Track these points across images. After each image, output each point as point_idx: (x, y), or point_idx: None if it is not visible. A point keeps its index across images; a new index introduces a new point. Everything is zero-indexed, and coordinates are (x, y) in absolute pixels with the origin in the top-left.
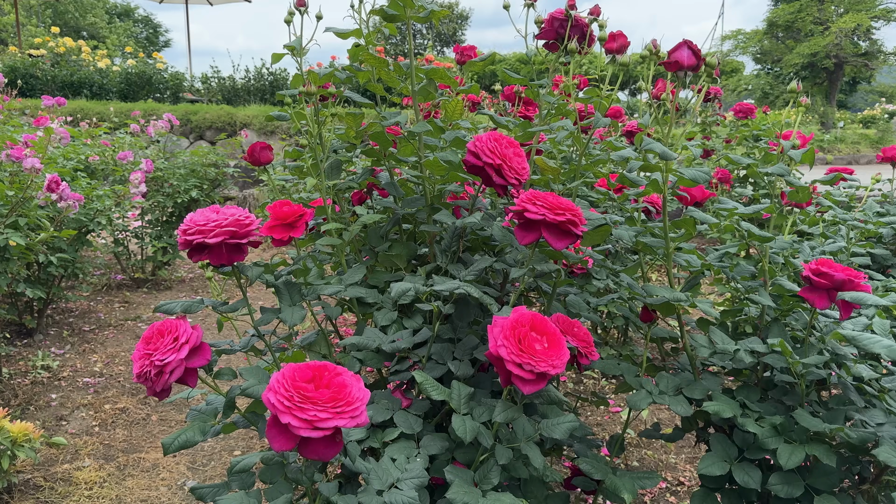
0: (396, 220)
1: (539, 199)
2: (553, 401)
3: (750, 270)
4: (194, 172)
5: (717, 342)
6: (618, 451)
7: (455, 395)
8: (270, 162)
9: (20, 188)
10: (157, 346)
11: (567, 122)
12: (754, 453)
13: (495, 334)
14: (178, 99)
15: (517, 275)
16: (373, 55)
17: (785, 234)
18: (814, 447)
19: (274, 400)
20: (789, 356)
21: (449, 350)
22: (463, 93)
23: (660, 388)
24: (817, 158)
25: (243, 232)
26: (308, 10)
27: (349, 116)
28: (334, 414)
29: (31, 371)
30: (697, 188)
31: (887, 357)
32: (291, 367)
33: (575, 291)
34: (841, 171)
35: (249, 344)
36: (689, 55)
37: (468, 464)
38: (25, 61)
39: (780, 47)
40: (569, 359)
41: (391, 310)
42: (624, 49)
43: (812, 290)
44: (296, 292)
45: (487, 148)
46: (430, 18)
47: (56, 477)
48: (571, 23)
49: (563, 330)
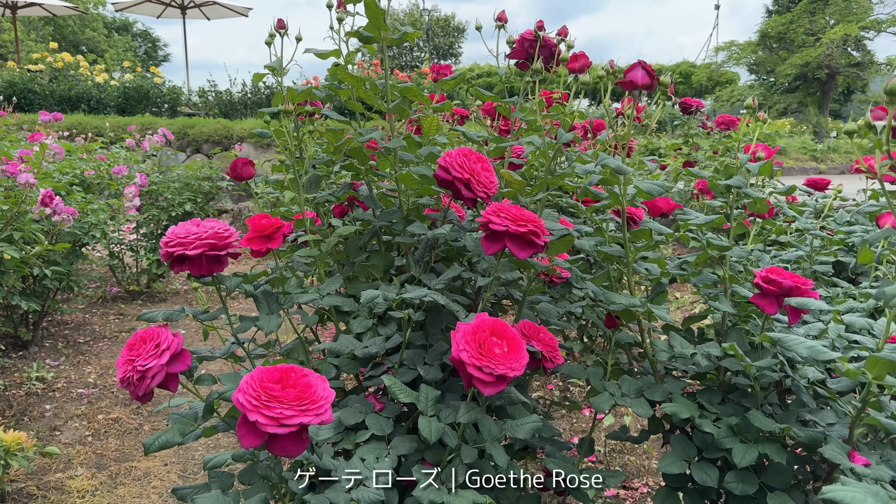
0: (374, 232)
1: (503, 212)
2: (514, 402)
3: (712, 278)
4: (188, 186)
5: (676, 346)
6: (587, 452)
7: (423, 397)
8: (252, 177)
9: (15, 203)
10: (139, 353)
11: (535, 138)
12: (712, 453)
13: (457, 339)
14: (176, 113)
15: (483, 283)
16: (351, 74)
17: (749, 242)
18: (766, 446)
19: (243, 399)
20: (741, 359)
21: (421, 356)
22: (437, 110)
23: (622, 391)
24: (811, 168)
25: (222, 244)
26: (288, 31)
27: (329, 132)
28: (299, 412)
29: (26, 382)
30: (664, 200)
31: (809, 357)
32: (260, 369)
33: (547, 299)
34: (819, 182)
35: (229, 351)
36: (644, 75)
37: (437, 464)
38: (24, 76)
39: (773, 58)
40: (533, 363)
41: (367, 318)
42: (585, 69)
43: (763, 296)
44: (273, 301)
45: (456, 163)
46: (403, 40)
47: (49, 486)
48: (540, 43)
49: (528, 335)
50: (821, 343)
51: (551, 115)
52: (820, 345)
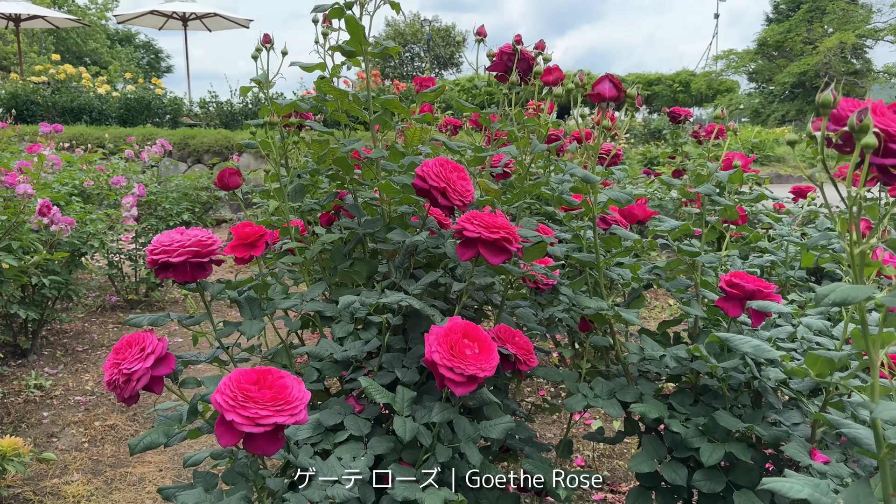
0: (359, 240)
1: (476, 219)
2: (486, 402)
3: (685, 283)
4: (186, 196)
5: (646, 349)
6: (565, 453)
7: (399, 398)
8: (239, 186)
9: (14, 213)
10: (125, 356)
11: (511, 148)
12: (681, 452)
13: (430, 342)
14: (177, 124)
15: (458, 288)
16: (335, 87)
17: (724, 248)
18: (732, 445)
19: (220, 400)
20: (706, 360)
21: (400, 359)
22: (419, 121)
23: (595, 392)
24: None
25: (206, 251)
26: (274, 46)
27: (315, 143)
28: (274, 412)
29: (24, 390)
30: (640, 208)
31: (754, 355)
32: (238, 371)
33: (527, 305)
34: (804, 189)
35: (213, 355)
36: (610, 88)
37: (413, 463)
38: (26, 88)
39: (771, 66)
40: (508, 365)
41: (348, 323)
42: (559, 81)
43: (727, 299)
44: (256, 307)
45: (433, 172)
46: (384, 54)
47: (45, 491)
48: (518, 56)
49: (504, 339)
50: (769, 343)
51: (528, 125)
52: (764, 344)
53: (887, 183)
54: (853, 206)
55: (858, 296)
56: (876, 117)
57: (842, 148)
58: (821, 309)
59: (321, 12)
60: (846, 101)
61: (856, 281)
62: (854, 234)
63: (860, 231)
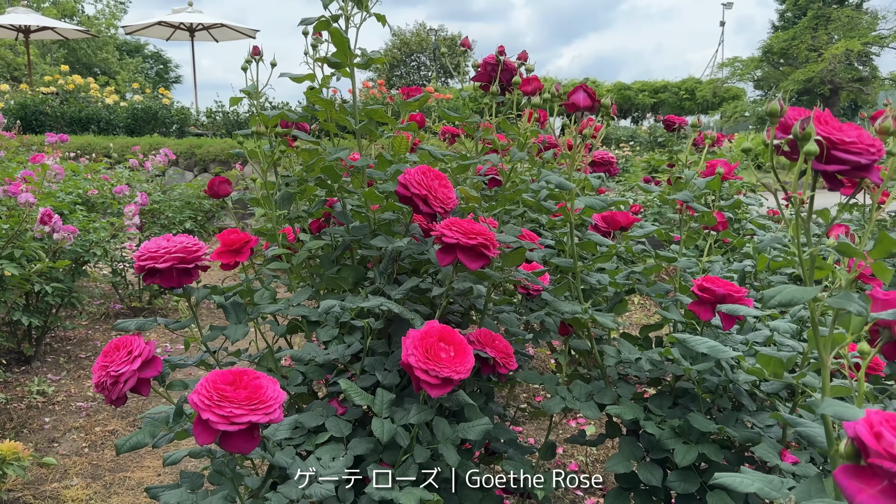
0: (346, 246)
1: (455, 225)
2: (461, 404)
3: (666, 288)
4: (189, 205)
5: (623, 352)
6: (548, 455)
7: (378, 400)
8: (228, 194)
9: (17, 221)
10: (112, 359)
11: (494, 156)
12: (657, 453)
13: (407, 345)
14: (184, 133)
15: (437, 292)
16: (322, 98)
17: (706, 254)
18: (705, 447)
19: (196, 399)
20: (678, 362)
21: (382, 363)
22: (404, 130)
23: (573, 395)
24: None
25: (191, 257)
26: (263, 57)
27: (304, 152)
28: (248, 411)
29: (27, 396)
30: (622, 214)
31: (710, 355)
32: (216, 372)
33: (510, 310)
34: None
35: (200, 359)
36: (585, 97)
37: (393, 464)
38: (35, 98)
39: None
40: (487, 368)
41: (333, 327)
42: (537, 91)
43: (699, 303)
44: (241, 311)
45: (415, 180)
46: (369, 65)
47: (45, 495)
48: (501, 67)
49: (483, 342)
50: (723, 344)
51: (510, 133)
52: (720, 345)
53: (833, 188)
54: (798, 212)
55: (803, 297)
56: (820, 126)
57: (789, 155)
58: (794, 310)
59: (308, 25)
60: (793, 110)
61: (807, 283)
62: (801, 237)
63: (810, 235)
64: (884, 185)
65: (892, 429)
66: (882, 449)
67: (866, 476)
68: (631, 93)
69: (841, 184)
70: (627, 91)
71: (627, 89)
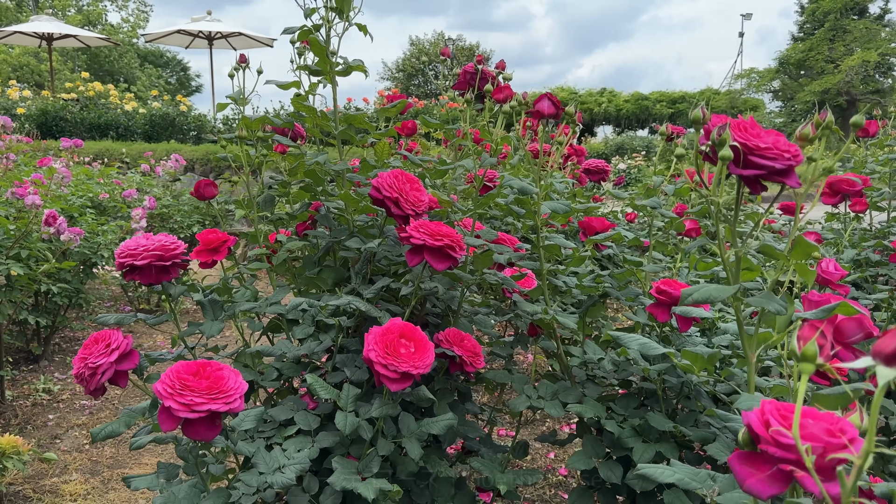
0: (328, 248)
1: (423, 227)
2: (422, 399)
3: (636, 292)
4: (198, 209)
5: (588, 353)
6: (521, 454)
7: (344, 395)
8: (214, 196)
9: (25, 223)
10: (91, 352)
11: (469, 162)
12: (618, 452)
13: (368, 340)
14: (201, 140)
15: (406, 292)
16: (306, 105)
17: (679, 260)
18: (662, 445)
19: (160, 388)
20: (635, 362)
21: (353, 359)
22: (381, 136)
23: (539, 394)
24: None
25: (169, 255)
26: (249, 65)
27: (289, 156)
28: (209, 399)
29: (33, 394)
30: (599, 220)
31: (641, 353)
32: (181, 363)
33: (485, 311)
34: (791, 206)
35: (179, 354)
36: (549, 105)
37: (359, 457)
38: (56, 105)
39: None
40: (455, 366)
41: (309, 325)
42: (509, 99)
43: (657, 305)
44: (218, 308)
45: (387, 183)
46: (349, 72)
47: (44, 489)
48: (480, 75)
49: (452, 341)
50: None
51: (486, 140)
52: (650, 342)
53: (754, 191)
54: (718, 214)
55: (720, 295)
56: (738, 132)
57: (712, 160)
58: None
59: (290, 34)
60: (716, 117)
61: (731, 282)
62: (723, 239)
63: (735, 236)
64: (806, 190)
65: (781, 417)
66: (769, 436)
67: (758, 462)
68: (648, 103)
69: (764, 188)
70: (645, 101)
71: (645, 99)
